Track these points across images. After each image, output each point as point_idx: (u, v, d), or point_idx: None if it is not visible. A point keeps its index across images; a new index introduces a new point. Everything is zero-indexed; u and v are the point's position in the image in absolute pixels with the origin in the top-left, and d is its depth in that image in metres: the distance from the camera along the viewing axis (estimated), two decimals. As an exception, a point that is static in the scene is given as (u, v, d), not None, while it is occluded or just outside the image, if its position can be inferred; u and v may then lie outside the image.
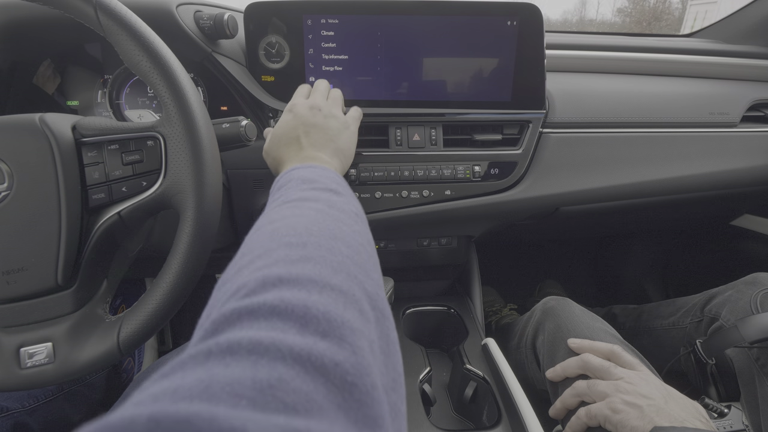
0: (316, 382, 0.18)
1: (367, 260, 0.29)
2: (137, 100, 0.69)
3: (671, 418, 0.43)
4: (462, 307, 0.80)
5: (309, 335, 0.20)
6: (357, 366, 0.20)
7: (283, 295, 0.22)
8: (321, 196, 0.35)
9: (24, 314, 0.42)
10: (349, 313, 0.22)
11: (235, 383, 0.16)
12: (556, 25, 10.25)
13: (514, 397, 0.55)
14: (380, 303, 0.26)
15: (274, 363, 0.18)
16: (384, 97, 0.64)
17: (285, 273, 0.23)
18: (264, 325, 0.20)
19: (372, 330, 0.24)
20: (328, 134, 0.50)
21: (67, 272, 0.42)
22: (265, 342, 0.18)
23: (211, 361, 0.18)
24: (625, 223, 1.12)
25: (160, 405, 0.15)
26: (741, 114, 0.79)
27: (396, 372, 0.24)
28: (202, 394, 0.16)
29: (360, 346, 0.21)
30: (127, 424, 0.14)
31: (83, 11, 0.40)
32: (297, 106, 0.52)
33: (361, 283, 0.26)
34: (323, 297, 0.22)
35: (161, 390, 0.16)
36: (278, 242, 0.27)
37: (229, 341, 0.19)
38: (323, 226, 0.30)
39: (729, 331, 0.61)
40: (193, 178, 0.41)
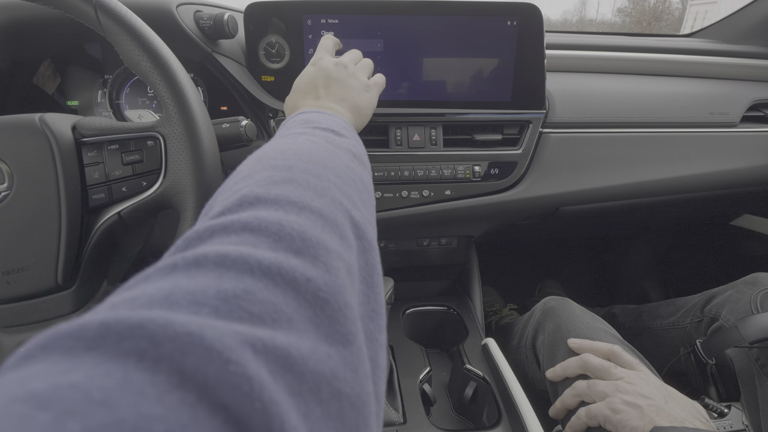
0: (285, 295, 0.17)
1: (356, 193, 0.28)
2: (137, 100, 0.69)
3: (671, 418, 0.43)
4: (462, 307, 0.80)
5: (281, 251, 0.19)
6: (330, 284, 0.19)
7: (258, 214, 0.21)
8: (320, 134, 0.33)
9: (24, 314, 0.42)
10: (327, 235, 0.21)
11: (198, 292, 0.16)
12: (556, 25, 10.25)
13: (514, 397, 0.55)
14: (368, 234, 0.26)
15: (241, 275, 0.17)
16: (384, 97, 0.64)
17: (264, 193, 0.22)
18: (234, 239, 0.19)
19: (353, 256, 0.23)
20: (348, 90, 0.47)
21: (67, 272, 0.42)
22: (233, 255, 0.18)
23: (175, 273, 0.17)
24: (625, 223, 1.12)
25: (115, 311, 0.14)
26: (741, 114, 0.79)
27: (377, 303, 0.23)
28: (162, 302, 0.15)
29: (335, 266, 0.20)
30: (77, 329, 0.13)
31: (83, 11, 0.40)
32: (322, 59, 0.49)
33: (346, 210, 0.25)
34: (300, 218, 0.21)
35: (120, 299, 0.16)
36: (264, 164, 0.26)
37: (196, 254, 0.18)
38: (314, 154, 0.28)
39: (729, 331, 0.61)
40: (193, 178, 0.41)
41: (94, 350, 0.13)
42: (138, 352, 0.13)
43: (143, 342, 0.13)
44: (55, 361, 0.12)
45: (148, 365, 0.13)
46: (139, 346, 0.13)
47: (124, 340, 0.13)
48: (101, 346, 0.13)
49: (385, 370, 0.23)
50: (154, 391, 0.12)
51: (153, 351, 0.13)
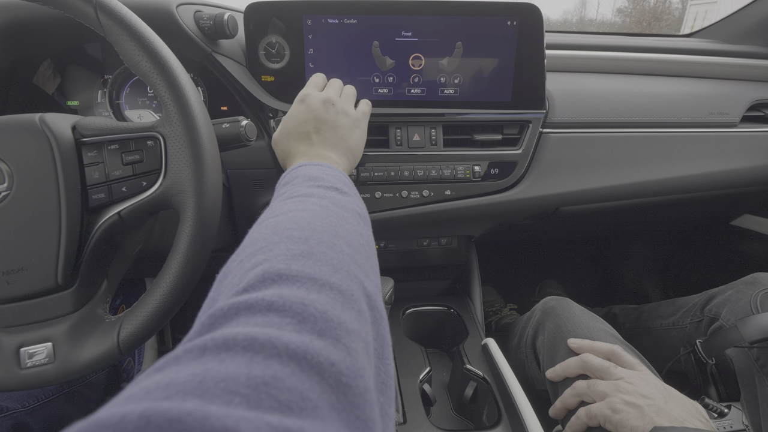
0: (311, 380, 0.18)
1: (366, 260, 0.29)
2: (137, 100, 0.69)
3: (671, 418, 0.43)
4: (462, 307, 0.80)
5: (305, 333, 0.20)
6: (351, 367, 0.20)
7: (281, 292, 0.21)
8: (326, 194, 0.35)
9: (24, 314, 0.42)
10: (347, 314, 0.22)
11: (230, 380, 0.16)
12: (556, 25, 10.24)
13: (514, 397, 0.55)
14: (378, 304, 0.26)
15: (269, 360, 0.18)
16: (384, 97, 0.64)
17: (285, 269, 0.23)
18: (261, 320, 0.20)
19: (368, 331, 0.24)
20: (339, 133, 0.49)
21: (67, 272, 0.42)
22: (261, 339, 0.18)
23: (205, 356, 0.18)
24: (625, 223, 1.12)
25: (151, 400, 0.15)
26: (741, 114, 0.79)
27: (387, 375, 0.24)
28: (195, 390, 0.15)
29: (355, 348, 0.21)
30: (117, 421, 0.13)
31: (83, 11, 0.40)
32: (310, 97, 0.51)
33: (360, 282, 0.26)
34: (322, 296, 0.22)
35: (154, 384, 0.16)
36: (280, 235, 0.27)
37: (225, 337, 0.18)
38: (326, 222, 0.29)
39: (729, 331, 0.61)
40: (193, 178, 0.41)
41: None
42: None
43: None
44: None
45: None
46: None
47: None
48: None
49: None
50: None
51: None
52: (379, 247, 0.79)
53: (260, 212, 0.34)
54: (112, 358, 0.42)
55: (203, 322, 0.21)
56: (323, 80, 0.57)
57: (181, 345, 0.19)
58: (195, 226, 0.41)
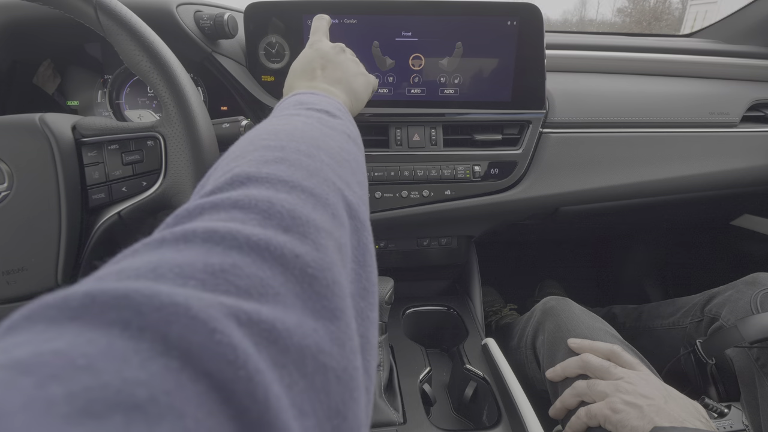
0: (273, 270, 0.17)
1: (350, 174, 0.28)
2: (137, 100, 0.69)
3: (671, 418, 0.43)
4: (462, 307, 0.80)
5: (270, 228, 0.19)
6: (319, 261, 0.19)
7: (249, 192, 0.21)
8: (314, 115, 0.33)
9: (24, 314, 0.42)
10: (318, 214, 0.21)
11: (185, 265, 0.16)
12: (556, 25, 10.24)
13: (514, 397, 0.55)
14: (361, 215, 0.26)
15: (228, 250, 0.17)
16: (384, 97, 0.64)
17: (255, 171, 0.22)
18: (224, 216, 0.19)
19: (345, 235, 0.23)
20: (345, 73, 0.47)
21: (67, 272, 0.42)
22: (222, 231, 0.18)
23: (163, 247, 0.17)
24: (625, 223, 1.12)
25: (101, 283, 0.14)
26: (741, 114, 0.79)
27: (369, 282, 0.23)
28: (148, 274, 0.15)
29: (324, 244, 0.20)
30: (61, 300, 0.13)
31: (83, 11, 0.40)
32: (319, 42, 0.49)
33: (339, 190, 0.25)
34: (291, 196, 0.21)
35: (107, 272, 0.16)
36: (256, 145, 0.26)
37: (185, 230, 0.18)
38: (307, 135, 0.28)
39: (729, 331, 0.61)
40: (193, 178, 0.41)
41: (78, 320, 0.13)
42: (123, 321, 0.13)
43: (128, 312, 0.13)
44: (39, 330, 0.12)
45: (132, 334, 0.13)
46: (124, 316, 0.13)
47: (109, 310, 0.13)
48: (85, 315, 0.13)
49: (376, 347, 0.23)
50: (138, 358, 0.12)
51: (138, 320, 0.13)
52: (379, 247, 0.79)
53: None
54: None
55: (167, 222, 0.20)
56: (327, 21, 0.53)
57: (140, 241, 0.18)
58: (195, 226, 0.41)
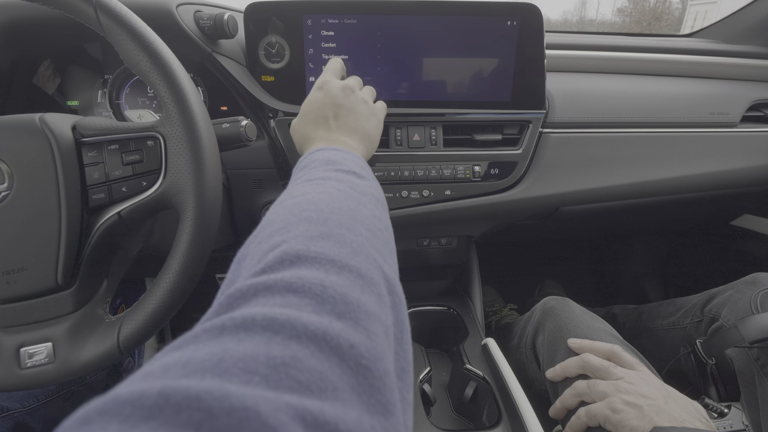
0: (330, 362, 0.17)
1: (384, 245, 0.29)
2: (137, 100, 0.69)
3: (671, 418, 0.43)
4: (462, 307, 0.80)
5: (325, 315, 0.19)
6: (371, 350, 0.19)
7: (300, 273, 0.21)
8: (344, 178, 0.34)
9: (24, 314, 0.42)
10: (366, 297, 0.22)
11: (249, 359, 0.16)
12: (556, 25, 10.24)
13: (514, 397, 0.55)
14: (397, 288, 0.26)
15: (288, 341, 0.17)
16: (384, 97, 0.64)
17: (304, 250, 0.23)
18: (279, 301, 0.19)
19: (388, 315, 0.23)
20: (358, 119, 0.48)
21: (67, 272, 0.42)
22: (280, 319, 0.18)
23: (224, 336, 0.17)
24: (625, 223, 1.12)
25: (170, 378, 0.15)
26: (741, 114, 0.79)
27: (406, 360, 0.23)
28: (214, 369, 0.15)
29: (375, 331, 0.20)
30: (136, 398, 0.13)
31: (83, 11, 0.40)
32: (329, 83, 0.49)
33: (379, 266, 0.25)
34: (341, 278, 0.22)
35: (172, 362, 0.16)
36: (298, 217, 0.26)
37: (244, 316, 0.18)
38: (344, 205, 0.29)
39: (729, 331, 0.61)
40: (193, 178, 0.41)
41: (151, 420, 0.13)
42: (195, 424, 0.13)
43: (200, 414, 0.13)
44: (115, 430, 0.13)
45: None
46: (196, 419, 0.13)
47: (182, 412, 0.13)
48: (159, 416, 0.13)
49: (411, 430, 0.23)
50: None
51: (209, 423, 0.13)
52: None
53: (261, 212, 0.34)
54: (112, 358, 0.42)
55: (221, 302, 0.20)
56: (341, 66, 0.55)
57: (200, 324, 0.19)
58: (195, 226, 0.41)
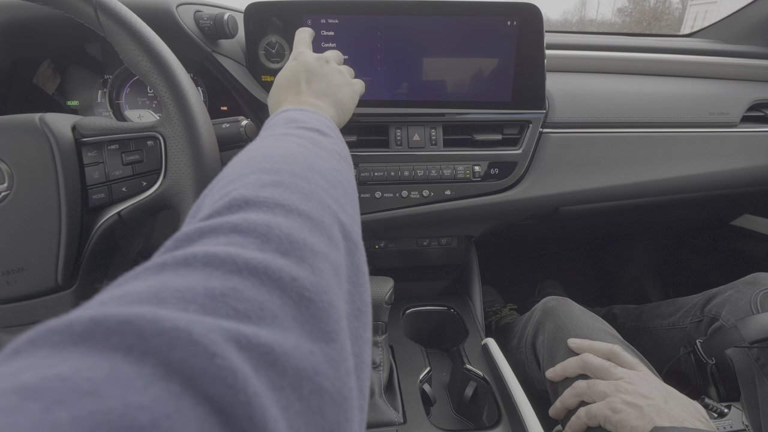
0: (271, 293, 0.18)
1: (343, 195, 0.28)
2: (137, 100, 0.69)
3: (671, 418, 0.43)
4: (462, 307, 0.80)
5: (268, 252, 0.19)
6: (315, 284, 0.20)
7: (247, 216, 0.21)
8: (306, 134, 0.34)
9: (24, 314, 0.42)
10: (314, 238, 0.22)
11: (186, 290, 0.16)
12: (556, 25, 10.25)
13: (514, 397, 0.55)
14: (354, 236, 0.26)
15: (228, 274, 0.18)
16: (384, 97, 0.64)
17: (252, 195, 0.23)
18: (223, 240, 0.20)
19: (340, 257, 0.23)
20: (330, 85, 0.47)
21: (67, 272, 0.42)
22: (221, 255, 0.18)
23: (164, 272, 0.18)
24: (626, 223, 1.12)
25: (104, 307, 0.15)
26: (741, 114, 0.79)
27: (362, 302, 0.24)
28: (150, 299, 0.15)
29: (321, 267, 0.21)
30: (66, 325, 0.14)
31: (83, 11, 0.40)
32: (303, 54, 0.49)
33: (333, 212, 0.25)
34: (288, 220, 0.22)
35: (109, 296, 0.16)
36: (252, 168, 0.26)
37: (185, 254, 0.18)
38: (301, 157, 0.29)
39: (729, 331, 0.61)
40: (193, 178, 0.41)
41: (82, 344, 0.13)
42: (126, 346, 0.13)
43: (131, 337, 0.13)
44: (44, 355, 0.13)
45: (135, 358, 0.13)
46: (127, 341, 0.13)
47: (113, 335, 0.13)
48: (89, 340, 0.13)
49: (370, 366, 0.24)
50: (141, 383, 0.12)
51: (140, 345, 0.13)
52: (378, 247, 0.79)
53: None
54: (112, 358, 0.42)
55: (166, 246, 0.20)
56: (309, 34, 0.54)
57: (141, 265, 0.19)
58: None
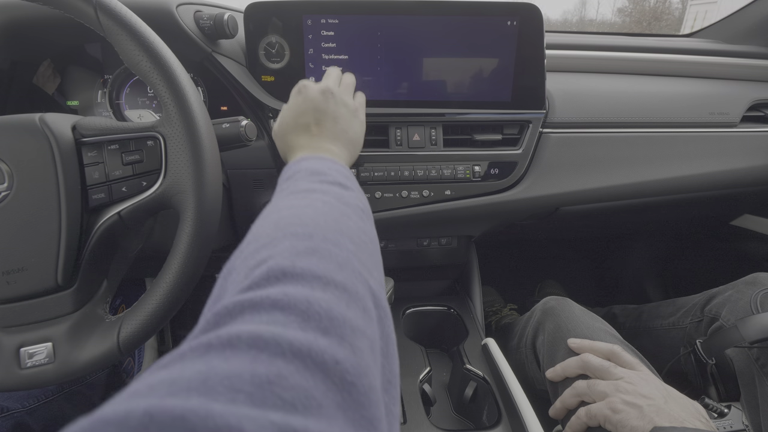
0: (315, 378, 0.18)
1: (370, 258, 0.29)
2: (137, 100, 0.69)
3: (671, 418, 0.43)
4: (462, 307, 0.80)
5: (310, 331, 0.20)
6: (356, 366, 0.19)
7: (286, 290, 0.21)
8: (329, 189, 0.34)
9: (24, 314, 0.42)
10: (352, 312, 0.22)
11: (234, 377, 0.16)
12: (556, 25, 10.25)
13: (514, 397, 0.55)
14: (382, 302, 0.26)
15: (273, 358, 0.17)
16: (384, 97, 0.64)
17: (289, 266, 0.23)
18: (265, 318, 0.20)
19: (374, 329, 0.23)
20: (340, 124, 0.48)
21: (67, 272, 0.42)
22: (266, 336, 0.18)
23: (210, 354, 0.18)
24: (626, 223, 1.12)
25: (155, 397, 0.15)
26: (741, 114, 0.79)
27: (392, 373, 0.24)
28: (199, 387, 0.15)
29: (360, 346, 0.21)
30: (121, 418, 0.14)
31: (83, 11, 0.40)
32: (307, 88, 0.49)
33: (365, 280, 0.25)
34: (327, 294, 0.22)
35: (158, 380, 0.16)
36: (284, 231, 0.27)
37: (230, 334, 0.18)
38: (330, 218, 0.29)
39: (729, 331, 0.61)
40: (193, 178, 0.41)
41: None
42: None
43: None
44: None
45: None
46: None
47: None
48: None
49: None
50: None
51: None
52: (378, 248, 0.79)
53: (260, 212, 0.34)
54: (112, 358, 0.42)
55: (208, 320, 0.21)
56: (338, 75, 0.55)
57: (186, 342, 0.19)
58: (195, 226, 0.41)
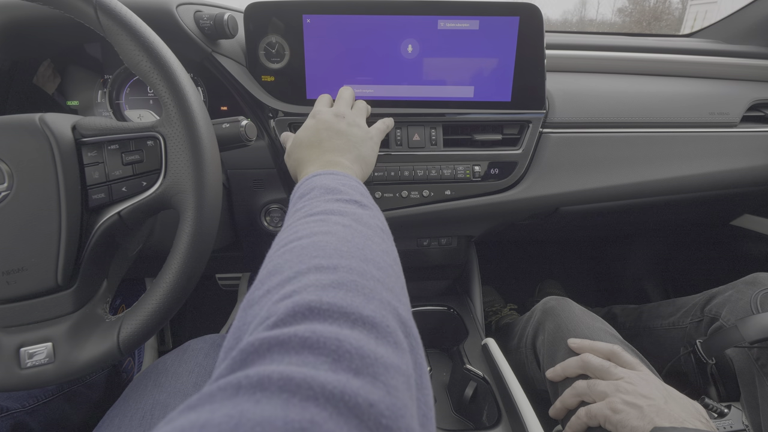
0: (349, 425, 0.17)
1: (395, 282, 0.28)
2: (137, 100, 0.69)
3: (671, 418, 0.43)
4: (462, 307, 0.80)
5: (342, 372, 0.19)
6: (392, 407, 0.19)
7: (314, 328, 0.21)
8: (347, 210, 0.34)
9: (24, 314, 0.42)
10: (383, 348, 0.22)
11: (266, 423, 0.16)
12: (556, 25, 10.25)
13: (514, 397, 0.55)
14: (412, 330, 0.26)
15: (305, 402, 0.17)
16: (384, 97, 0.64)
17: (316, 301, 0.23)
18: (295, 359, 0.19)
19: (408, 362, 0.23)
20: (351, 141, 0.49)
21: (67, 272, 0.42)
22: (297, 378, 0.18)
23: (240, 396, 0.17)
24: (626, 223, 1.12)
25: None
26: (741, 114, 0.79)
27: (427, 406, 0.23)
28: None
29: (395, 384, 0.20)
30: None
31: (83, 11, 0.40)
32: (321, 112, 0.52)
33: (394, 309, 0.25)
34: (356, 331, 0.22)
35: (189, 424, 0.16)
36: (307, 264, 0.26)
37: (260, 375, 0.18)
38: (352, 246, 0.29)
39: (729, 331, 0.61)
40: (193, 178, 0.41)
41: None
42: None
43: None
44: None
45: None
46: None
47: None
48: None
49: None
50: None
51: None
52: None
53: (260, 212, 0.33)
54: (112, 358, 0.42)
55: (234, 358, 0.20)
56: (330, 99, 0.58)
57: (214, 381, 0.18)
58: (195, 226, 0.41)
